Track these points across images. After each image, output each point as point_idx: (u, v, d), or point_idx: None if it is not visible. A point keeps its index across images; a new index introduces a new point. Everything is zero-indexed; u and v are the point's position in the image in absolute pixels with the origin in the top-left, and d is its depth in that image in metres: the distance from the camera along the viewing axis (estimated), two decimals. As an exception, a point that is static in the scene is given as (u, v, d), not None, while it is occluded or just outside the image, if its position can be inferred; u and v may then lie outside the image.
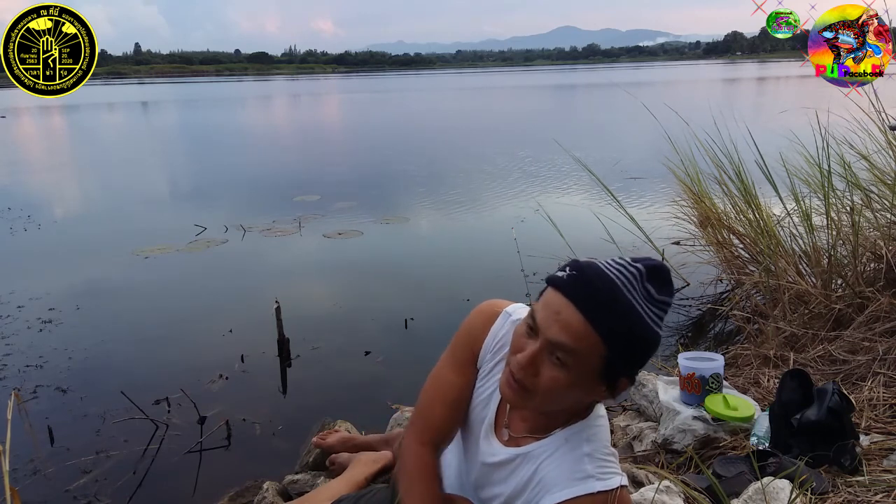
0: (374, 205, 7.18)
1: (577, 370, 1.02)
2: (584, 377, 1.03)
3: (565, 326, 1.00)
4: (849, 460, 1.73)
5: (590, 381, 1.04)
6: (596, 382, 1.04)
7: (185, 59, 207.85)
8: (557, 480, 1.08)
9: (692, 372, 2.12)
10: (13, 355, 3.50)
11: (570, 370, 1.02)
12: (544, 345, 1.02)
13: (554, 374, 1.03)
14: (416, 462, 1.24)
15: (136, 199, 8.19)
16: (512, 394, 1.07)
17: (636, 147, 10.53)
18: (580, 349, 1.00)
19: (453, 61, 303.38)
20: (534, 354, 1.03)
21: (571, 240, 4.31)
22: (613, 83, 34.53)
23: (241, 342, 3.60)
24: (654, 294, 1.02)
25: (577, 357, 1.01)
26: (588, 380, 1.04)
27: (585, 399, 1.11)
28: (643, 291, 1.01)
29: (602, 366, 1.02)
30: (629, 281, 1.01)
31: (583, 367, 1.02)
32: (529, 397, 1.06)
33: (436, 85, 53.17)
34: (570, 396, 1.07)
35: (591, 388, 1.05)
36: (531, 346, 1.04)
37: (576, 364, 1.01)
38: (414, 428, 1.28)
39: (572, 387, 1.04)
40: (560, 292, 1.02)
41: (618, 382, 1.05)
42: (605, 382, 1.05)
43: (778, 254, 3.24)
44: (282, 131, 18.42)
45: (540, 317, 1.03)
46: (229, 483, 2.30)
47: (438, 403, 1.26)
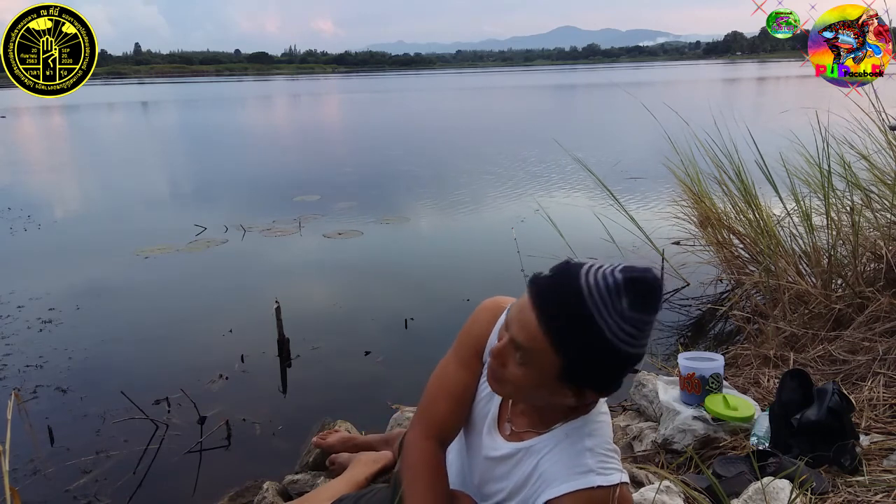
0: (374, 205, 7.18)
1: (535, 370, 1.03)
2: (543, 378, 1.04)
3: (523, 326, 1.02)
4: (849, 460, 1.73)
5: (551, 383, 1.04)
6: (558, 386, 1.05)
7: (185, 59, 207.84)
8: (558, 474, 1.08)
9: (692, 372, 2.12)
10: (13, 355, 3.50)
11: (528, 369, 1.04)
12: (508, 340, 1.05)
13: (515, 371, 1.06)
14: (421, 456, 1.24)
15: (136, 200, 8.19)
16: (490, 381, 1.13)
17: (636, 147, 10.53)
18: (534, 351, 1.01)
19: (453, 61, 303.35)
20: (501, 347, 1.07)
21: (571, 240, 4.31)
22: (613, 83, 34.53)
23: (241, 342, 3.60)
24: (624, 310, 0.97)
25: (532, 358, 1.02)
26: (549, 382, 1.04)
27: (551, 399, 1.10)
28: (614, 307, 0.97)
29: (559, 372, 1.02)
30: (600, 293, 0.97)
31: (539, 368, 1.03)
32: (501, 387, 1.11)
33: (436, 85, 53.17)
34: (537, 394, 1.09)
35: (555, 390, 1.06)
36: (502, 339, 1.07)
37: (533, 364, 1.03)
38: (418, 423, 1.28)
39: (536, 386, 1.06)
40: (528, 293, 1.04)
41: (583, 391, 1.05)
42: (570, 388, 1.05)
43: (778, 254, 3.24)
44: (282, 131, 18.42)
45: (511, 313, 1.07)
46: (229, 483, 2.30)
47: (443, 399, 1.27)
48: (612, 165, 8.25)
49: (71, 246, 5.96)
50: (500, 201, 7.20)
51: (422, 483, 1.21)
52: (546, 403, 1.12)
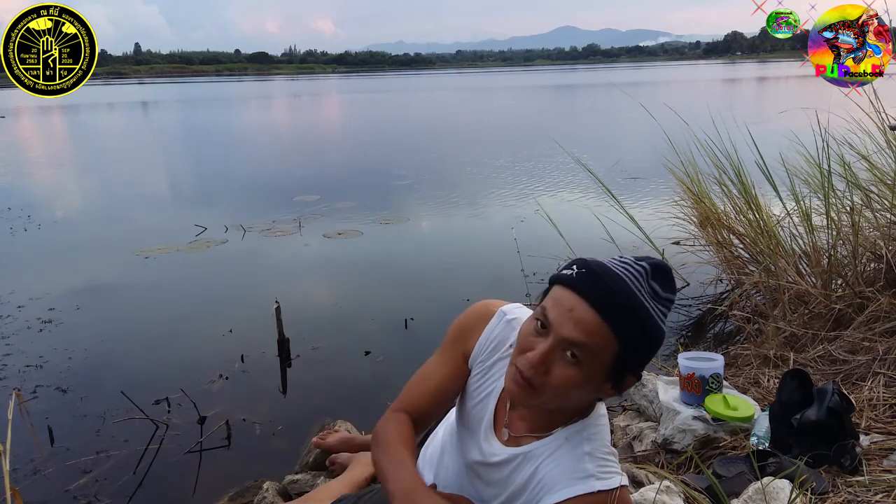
0: (374, 205, 7.18)
1: (589, 367, 1.03)
2: (594, 374, 1.04)
3: (579, 323, 1.01)
4: (849, 460, 1.73)
5: (599, 377, 1.05)
6: (604, 379, 1.06)
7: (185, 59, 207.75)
8: (558, 479, 1.08)
9: (692, 372, 2.12)
10: (13, 355, 3.50)
11: (582, 367, 1.02)
12: (557, 342, 1.02)
13: (566, 372, 1.03)
14: (391, 421, 1.24)
15: (136, 200, 8.19)
16: (519, 391, 1.07)
17: (636, 147, 10.52)
18: (594, 346, 1.01)
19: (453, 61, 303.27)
20: (545, 353, 1.03)
21: (571, 240, 4.31)
22: (613, 83, 34.53)
23: (241, 342, 3.60)
24: (659, 291, 1.04)
25: (591, 354, 1.01)
26: (598, 377, 1.05)
27: (593, 396, 1.12)
28: (649, 289, 1.03)
29: (613, 363, 1.03)
30: (636, 279, 1.03)
31: (595, 363, 1.02)
32: (537, 395, 1.06)
33: (436, 85, 53.16)
34: (579, 394, 1.08)
35: (599, 385, 1.06)
36: (542, 345, 1.03)
37: (588, 361, 1.02)
38: (392, 404, 1.30)
39: (582, 384, 1.05)
40: (571, 290, 1.03)
41: (625, 379, 1.07)
42: (613, 380, 1.06)
43: (778, 254, 3.24)
44: (281, 131, 18.42)
45: (552, 314, 1.03)
46: (229, 483, 2.30)
47: (418, 385, 1.29)
48: (611, 165, 8.24)
49: (71, 246, 5.96)
50: (500, 201, 7.20)
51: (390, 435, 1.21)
52: (578, 402, 1.13)
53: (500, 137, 14.04)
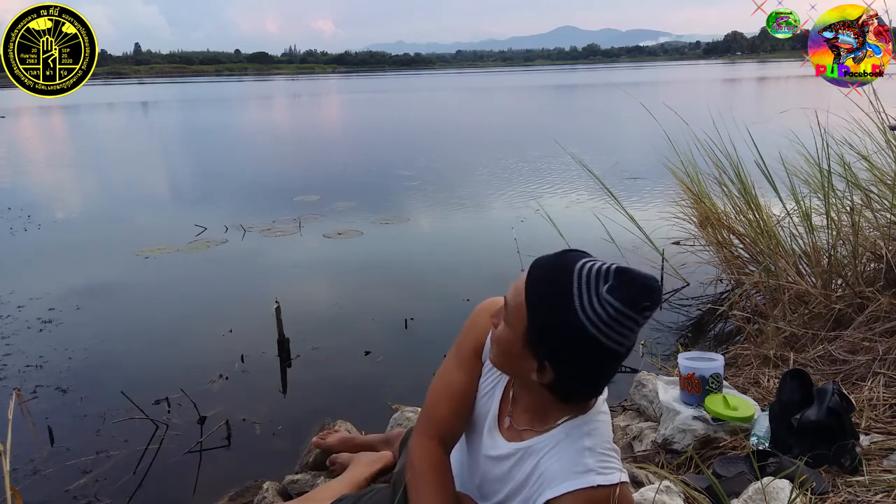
0: (374, 205, 7.18)
1: (511, 330, 1.09)
2: (515, 339, 1.09)
3: (513, 286, 1.10)
4: (849, 460, 1.73)
5: (520, 347, 1.08)
6: (525, 351, 1.08)
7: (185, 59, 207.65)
8: (558, 474, 1.09)
9: (692, 372, 2.12)
10: (13, 355, 3.50)
11: (507, 329, 1.10)
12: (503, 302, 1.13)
13: (500, 331, 1.12)
14: (423, 457, 1.24)
15: (136, 200, 8.19)
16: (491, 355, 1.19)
17: (636, 147, 10.53)
18: (513, 308, 1.08)
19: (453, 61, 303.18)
20: (497, 309, 1.15)
21: (571, 240, 4.31)
22: (613, 83, 34.53)
23: (241, 342, 3.60)
24: (601, 293, 1.00)
25: (510, 315, 1.09)
26: (518, 345, 1.08)
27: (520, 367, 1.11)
28: (592, 286, 1.01)
29: (525, 333, 1.07)
30: (587, 273, 1.03)
31: (513, 327, 1.08)
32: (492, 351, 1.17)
33: (436, 85, 53.16)
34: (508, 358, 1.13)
35: (522, 355, 1.09)
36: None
37: (510, 322, 1.09)
38: (421, 425, 1.29)
39: (509, 346, 1.10)
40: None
41: (543, 365, 1.08)
42: (534, 358, 1.08)
43: (778, 254, 3.24)
44: (281, 131, 18.42)
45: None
46: (229, 483, 2.30)
47: (444, 400, 1.28)
48: (611, 165, 8.24)
49: (71, 246, 5.96)
50: (500, 201, 7.20)
51: (425, 484, 1.22)
52: (513, 372, 1.17)
53: (500, 138, 14.04)
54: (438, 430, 1.26)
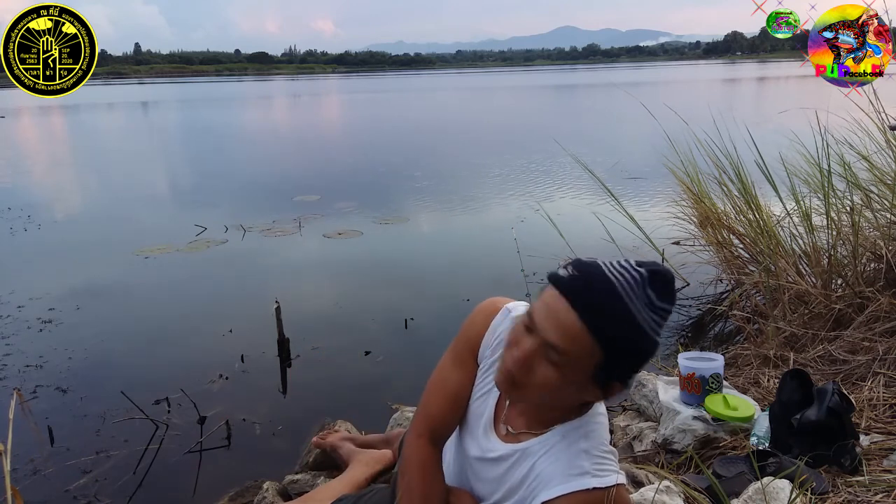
0: (374, 205, 7.18)
1: (570, 372, 1.03)
2: (576, 379, 1.04)
3: (561, 328, 1.00)
4: (849, 460, 1.73)
5: (582, 382, 1.05)
6: (589, 384, 1.05)
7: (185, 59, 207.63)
8: (554, 476, 1.09)
9: (692, 372, 2.12)
10: (13, 355, 3.50)
11: (562, 370, 1.03)
12: (540, 344, 1.03)
13: (547, 373, 1.04)
14: (413, 454, 1.24)
15: (136, 200, 8.19)
16: (503, 384, 1.10)
17: (636, 147, 10.52)
18: (574, 352, 1.01)
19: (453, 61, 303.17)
20: (528, 352, 1.04)
21: (571, 240, 4.31)
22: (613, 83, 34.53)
23: (241, 342, 3.60)
24: (654, 300, 1.01)
25: (571, 359, 1.01)
26: (580, 381, 1.05)
27: (578, 399, 1.11)
28: (644, 297, 1.00)
29: (596, 370, 1.02)
30: (630, 286, 1.00)
31: (575, 369, 1.02)
32: (519, 391, 1.08)
33: (436, 85, 53.16)
34: (561, 395, 1.09)
35: (583, 389, 1.06)
36: (526, 344, 1.05)
37: (568, 366, 1.02)
38: (414, 423, 1.29)
39: (564, 387, 1.05)
40: (560, 292, 1.02)
41: (611, 386, 1.06)
42: (599, 385, 1.06)
43: (778, 254, 3.24)
44: (281, 131, 18.42)
45: (538, 316, 1.04)
46: (229, 483, 2.30)
47: (438, 397, 1.27)
48: (611, 165, 8.24)
49: (71, 246, 5.96)
50: (500, 201, 7.20)
51: (415, 480, 1.22)
52: (563, 403, 1.13)
53: (500, 137, 14.04)
54: (430, 427, 1.26)
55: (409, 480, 1.22)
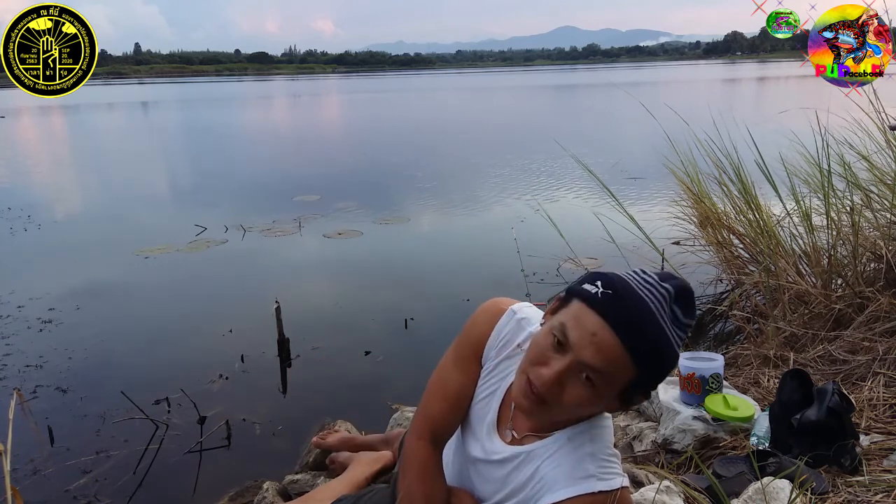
0: (374, 205, 7.18)
1: (603, 389, 1.03)
2: (606, 395, 1.05)
3: (601, 349, 1.00)
4: (849, 460, 1.73)
5: (610, 397, 1.06)
6: (615, 398, 1.07)
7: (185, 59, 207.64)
8: (558, 479, 1.08)
9: (692, 372, 2.12)
10: (13, 355, 3.50)
11: (595, 389, 1.03)
12: (574, 364, 1.02)
13: (579, 392, 1.03)
14: (413, 455, 1.24)
15: (136, 199, 8.19)
16: (529, 405, 1.07)
17: (636, 147, 10.52)
18: (612, 372, 1.01)
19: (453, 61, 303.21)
20: (561, 372, 1.03)
21: (571, 240, 4.31)
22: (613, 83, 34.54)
23: (241, 342, 3.60)
24: (680, 317, 1.03)
25: (607, 378, 1.02)
26: (609, 397, 1.06)
27: (600, 412, 1.14)
28: (671, 314, 1.02)
29: (627, 385, 1.04)
30: (660, 303, 1.02)
31: (609, 386, 1.04)
32: (547, 410, 1.07)
33: (436, 85, 53.15)
34: (588, 411, 1.10)
35: (610, 402, 1.08)
36: (558, 363, 1.03)
37: (603, 384, 1.03)
38: (414, 424, 1.29)
39: (594, 403, 1.06)
40: (594, 311, 1.01)
41: (634, 398, 1.08)
42: (623, 398, 1.07)
43: (778, 254, 3.24)
44: (281, 131, 18.42)
45: (574, 335, 1.02)
46: (229, 483, 2.30)
47: (438, 399, 1.27)
48: (611, 165, 8.24)
49: (71, 246, 5.96)
50: (500, 201, 7.20)
51: (415, 482, 1.22)
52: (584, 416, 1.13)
53: (501, 138, 14.04)
54: (430, 428, 1.26)
55: (409, 483, 1.22)
